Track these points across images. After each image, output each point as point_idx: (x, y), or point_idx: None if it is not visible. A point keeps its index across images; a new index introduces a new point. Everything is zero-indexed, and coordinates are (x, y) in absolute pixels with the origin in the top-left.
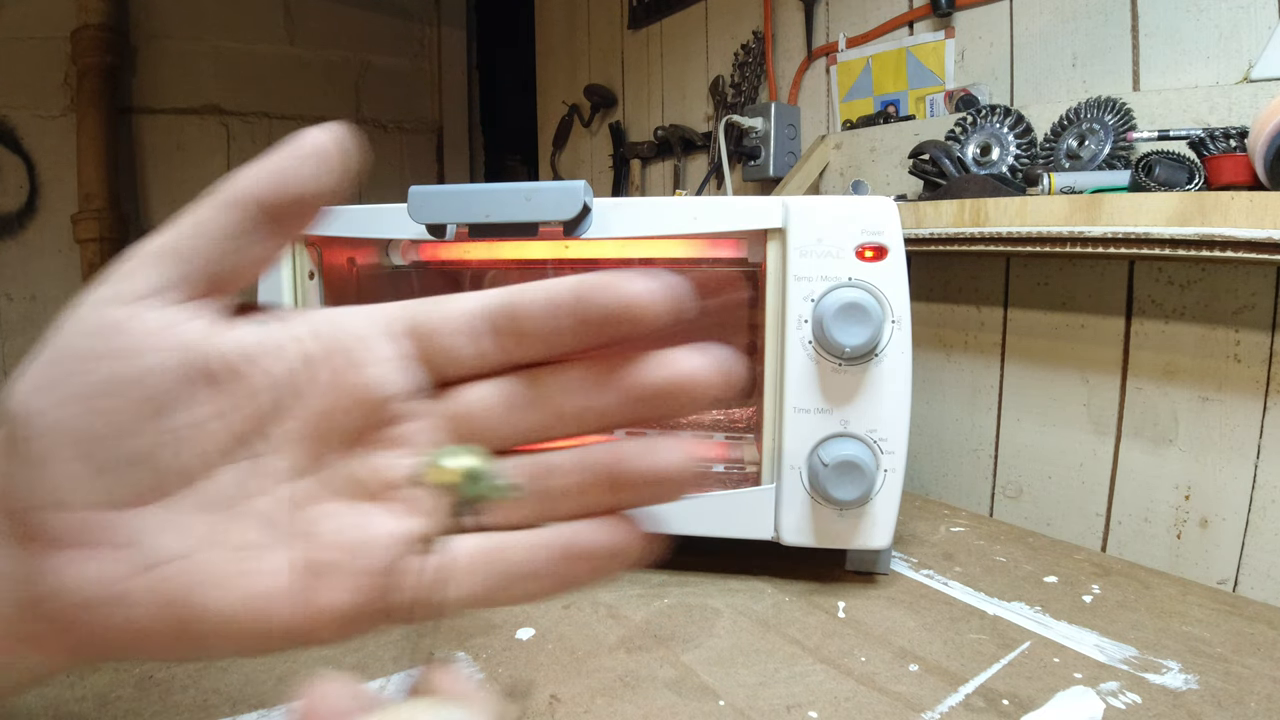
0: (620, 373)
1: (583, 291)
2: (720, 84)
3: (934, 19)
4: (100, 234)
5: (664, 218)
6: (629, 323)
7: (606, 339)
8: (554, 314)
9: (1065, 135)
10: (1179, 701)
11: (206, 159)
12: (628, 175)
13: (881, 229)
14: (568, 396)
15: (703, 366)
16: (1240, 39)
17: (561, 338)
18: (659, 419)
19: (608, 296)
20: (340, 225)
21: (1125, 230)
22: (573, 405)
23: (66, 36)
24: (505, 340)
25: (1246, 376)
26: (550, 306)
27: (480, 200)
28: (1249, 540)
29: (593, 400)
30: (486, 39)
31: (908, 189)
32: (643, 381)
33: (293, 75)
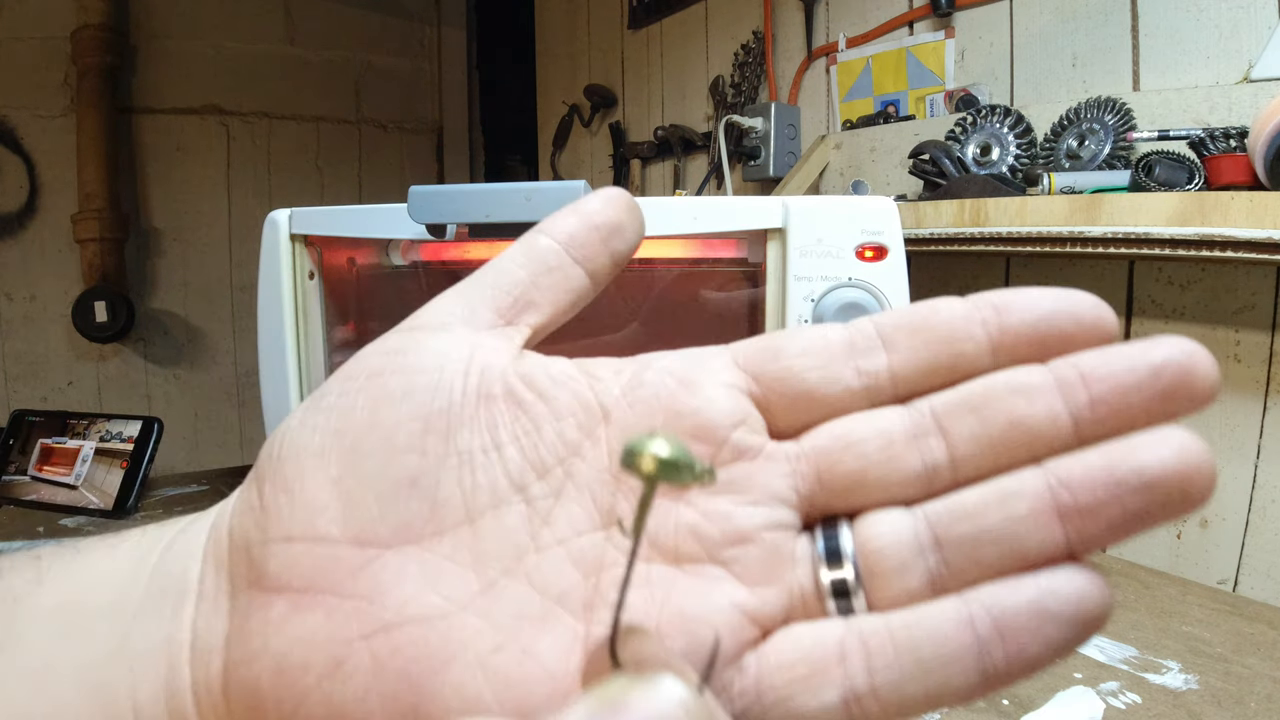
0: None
1: (999, 300)
2: (720, 84)
3: (934, 19)
4: (100, 234)
5: (664, 218)
6: (1060, 338)
7: (1032, 356)
8: (960, 318)
9: (1065, 135)
10: (1179, 701)
11: (206, 159)
12: (628, 175)
13: (881, 229)
14: (984, 414)
15: (1195, 355)
16: (1240, 39)
17: (969, 347)
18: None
19: (1035, 306)
20: (340, 225)
21: (1125, 230)
22: (989, 421)
23: (66, 36)
24: (882, 355)
25: (1246, 376)
26: (958, 312)
27: (480, 200)
28: (1249, 540)
29: (1023, 409)
30: (486, 39)
31: (908, 189)
32: (1109, 374)
33: (293, 75)
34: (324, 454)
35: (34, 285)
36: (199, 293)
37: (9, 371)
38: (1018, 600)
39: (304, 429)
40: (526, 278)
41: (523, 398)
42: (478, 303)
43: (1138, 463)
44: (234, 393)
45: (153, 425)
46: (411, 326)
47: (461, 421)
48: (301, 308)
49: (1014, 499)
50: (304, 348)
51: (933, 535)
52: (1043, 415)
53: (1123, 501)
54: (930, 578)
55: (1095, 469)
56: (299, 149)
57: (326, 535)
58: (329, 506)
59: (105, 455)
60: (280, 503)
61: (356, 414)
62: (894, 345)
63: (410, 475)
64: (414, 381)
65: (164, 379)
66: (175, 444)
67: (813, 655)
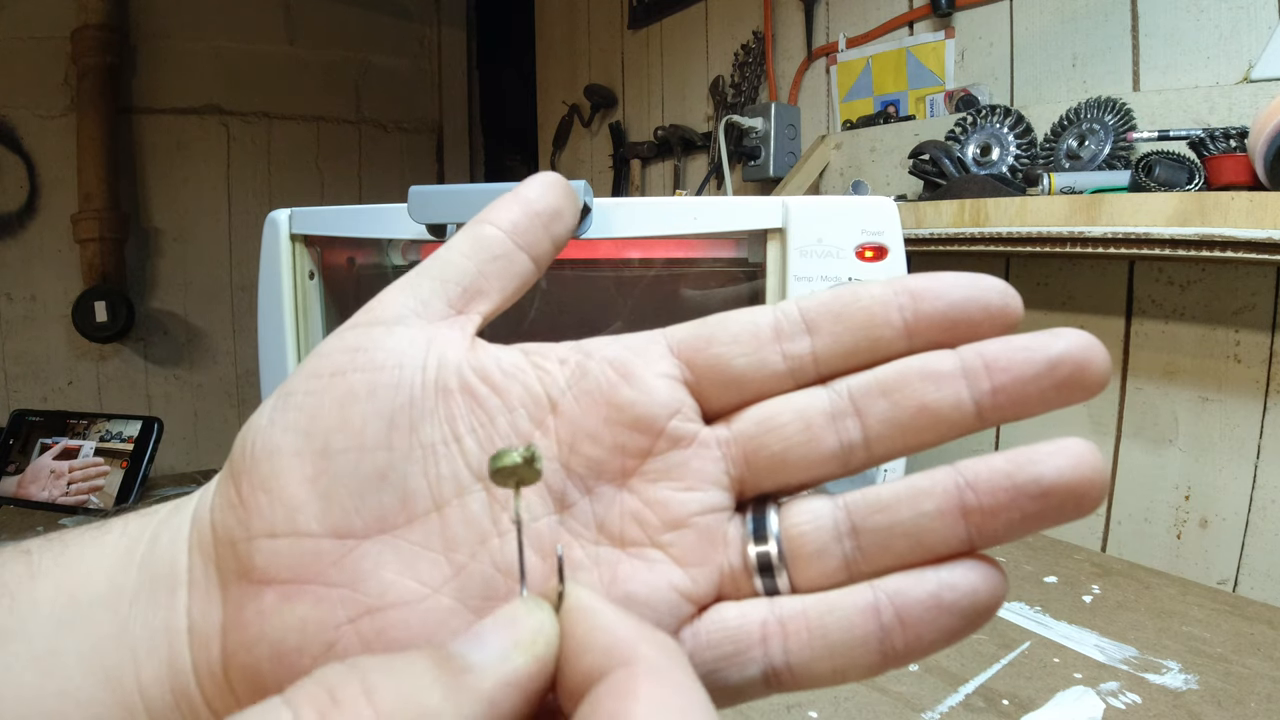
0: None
1: (914, 285)
2: (720, 84)
3: (934, 19)
4: (100, 234)
5: (664, 218)
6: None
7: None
8: (878, 303)
9: (1065, 135)
10: (1179, 701)
11: (206, 159)
12: (628, 175)
13: (881, 229)
14: (897, 398)
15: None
16: (1240, 39)
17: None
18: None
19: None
20: (340, 225)
21: (1125, 230)
22: (899, 404)
23: (67, 36)
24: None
25: (1246, 376)
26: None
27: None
28: (1249, 540)
29: (931, 394)
30: (486, 39)
31: (908, 189)
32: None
33: (293, 75)
34: (298, 454)
35: (34, 285)
36: (199, 293)
37: (9, 371)
38: (919, 592)
39: (275, 428)
40: (474, 268)
41: (477, 391)
42: (429, 295)
43: (1037, 471)
44: (234, 393)
45: (153, 425)
46: (368, 321)
47: (423, 416)
48: (301, 308)
49: (924, 496)
50: (304, 348)
51: (851, 524)
52: (949, 400)
53: (1021, 505)
54: (846, 562)
55: (999, 473)
56: (299, 149)
57: (308, 530)
58: (307, 504)
59: (105, 455)
60: (260, 501)
61: (324, 414)
62: (817, 329)
63: (380, 470)
64: (376, 379)
65: (164, 379)
66: (175, 444)
67: (738, 636)
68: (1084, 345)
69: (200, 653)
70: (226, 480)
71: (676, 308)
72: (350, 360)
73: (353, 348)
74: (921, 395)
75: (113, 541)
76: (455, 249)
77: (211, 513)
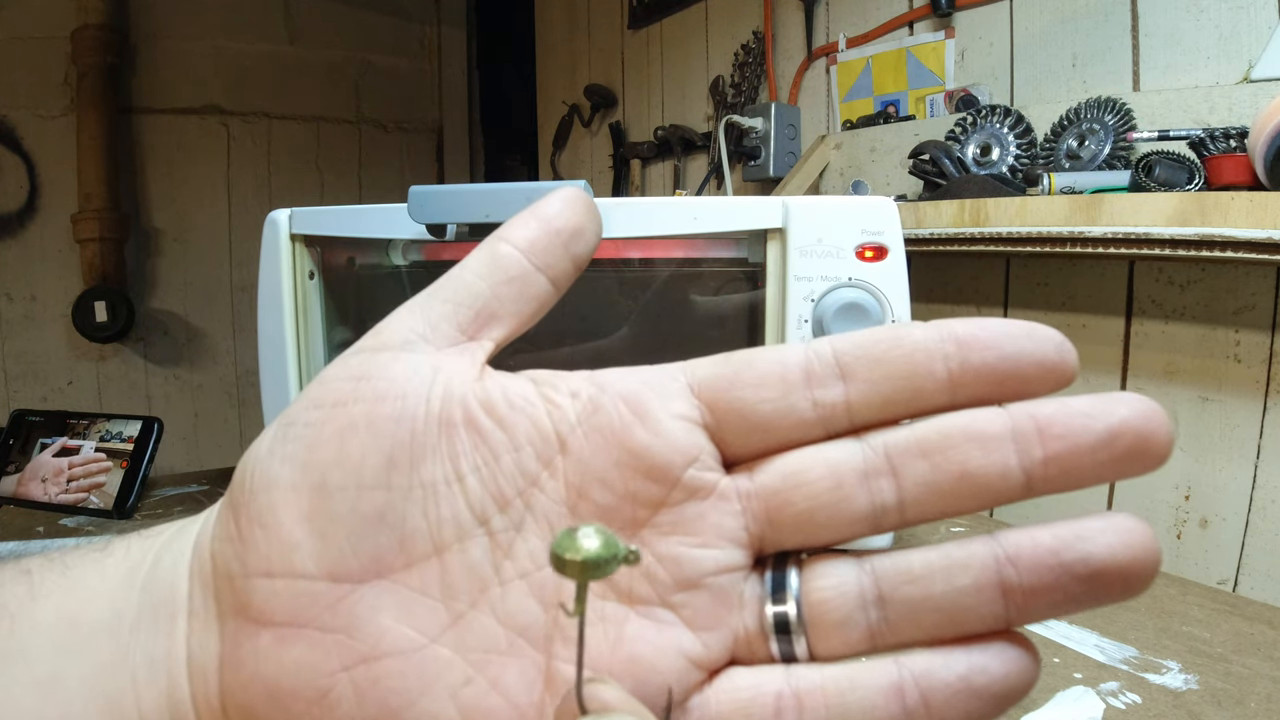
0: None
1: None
2: (720, 84)
3: (934, 19)
4: (100, 234)
5: (664, 218)
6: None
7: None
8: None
9: (1065, 135)
10: (1179, 701)
11: (206, 159)
12: (628, 175)
13: (881, 229)
14: (937, 460)
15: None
16: (1240, 39)
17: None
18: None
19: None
20: (340, 225)
21: (1125, 230)
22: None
23: (66, 36)
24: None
25: (1246, 376)
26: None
27: (480, 200)
28: (1249, 540)
29: (976, 459)
30: (486, 39)
31: (908, 189)
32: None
33: (293, 75)
34: (295, 488)
35: (34, 285)
36: (199, 293)
37: (9, 371)
38: (948, 676)
39: (273, 459)
40: (488, 290)
41: (482, 425)
42: (439, 319)
43: (1086, 550)
44: (234, 393)
45: (153, 425)
46: (375, 347)
47: (425, 452)
48: (301, 308)
49: (960, 570)
50: (304, 348)
51: (878, 592)
52: (996, 467)
53: (1066, 587)
54: (870, 632)
55: (1043, 550)
56: (299, 149)
57: (303, 572)
58: (303, 543)
59: (105, 455)
60: (256, 537)
61: (323, 446)
62: (852, 376)
63: (378, 510)
64: (377, 411)
65: (164, 379)
66: (175, 444)
67: (750, 709)
68: (1147, 414)
69: (198, 684)
70: (227, 511)
71: (677, 308)
72: (353, 390)
73: (356, 376)
74: (965, 459)
75: (114, 564)
76: (469, 269)
77: (211, 543)
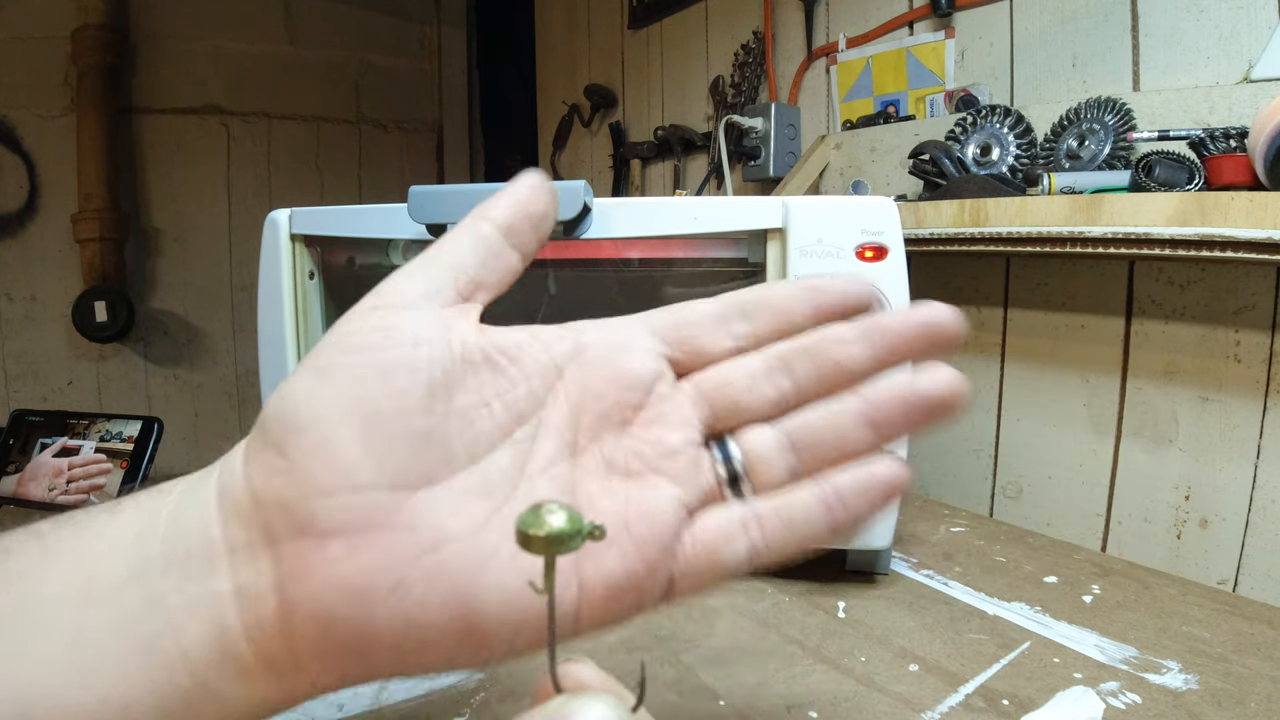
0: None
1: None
2: (720, 84)
3: (934, 19)
4: (100, 234)
5: (664, 218)
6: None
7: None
8: (792, 298)
9: (1065, 135)
10: (1179, 701)
11: (206, 159)
12: (628, 175)
13: (881, 229)
14: (813, 357)
15: (947, 313)
16: (1240, 39)
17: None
18: (905, 362)
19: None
20: (340, 225)
21: (1125, 230)
22: (818, 361)
23: (66, 36)
24: (746, 323)
25: (1246, 376)
26: (790, 293)
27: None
28: (1249, 540)
29: (840, 352)
30: (486, 39)
31: (908, 189)
32: (891, 328)
33: (293, 75)
34: (348, 418)
35: (34, 285)
36: (199, 293)
37: (9, 371)
38: (851, 480)
39: (318, 398)
40: (478, 262)
41: (498, 362)
42: (441, 284)
43: (920, 387)
44: (234, 393)
45: (153, 425)
46: (387, 305)
47: (456, 385)
48: (301, 308)
49: (840, 415)
50: (304, 348)
51: (789, 441)
52: (854, 356)
53: (909, 413)
54: (790, 469)
55: (894, 391)
56: (299, 149)
57: (367, 485)
58: (362, 462)
59: (105, 455)
60: (314, 464)
61: (370, 383)
62: (752, 316)
63: (424, 431)
64: (414, 354)
65: (164, 379)
66: (175, 444)
67: (726, 527)
68: (941, 312)
69: (249, 611)
70: (264, 450)
71: None
72: (384, 338)
73: (381, 328)
74: (834, 353)
75: (127, 521)
76: (460, 243)
77: (248, 481)
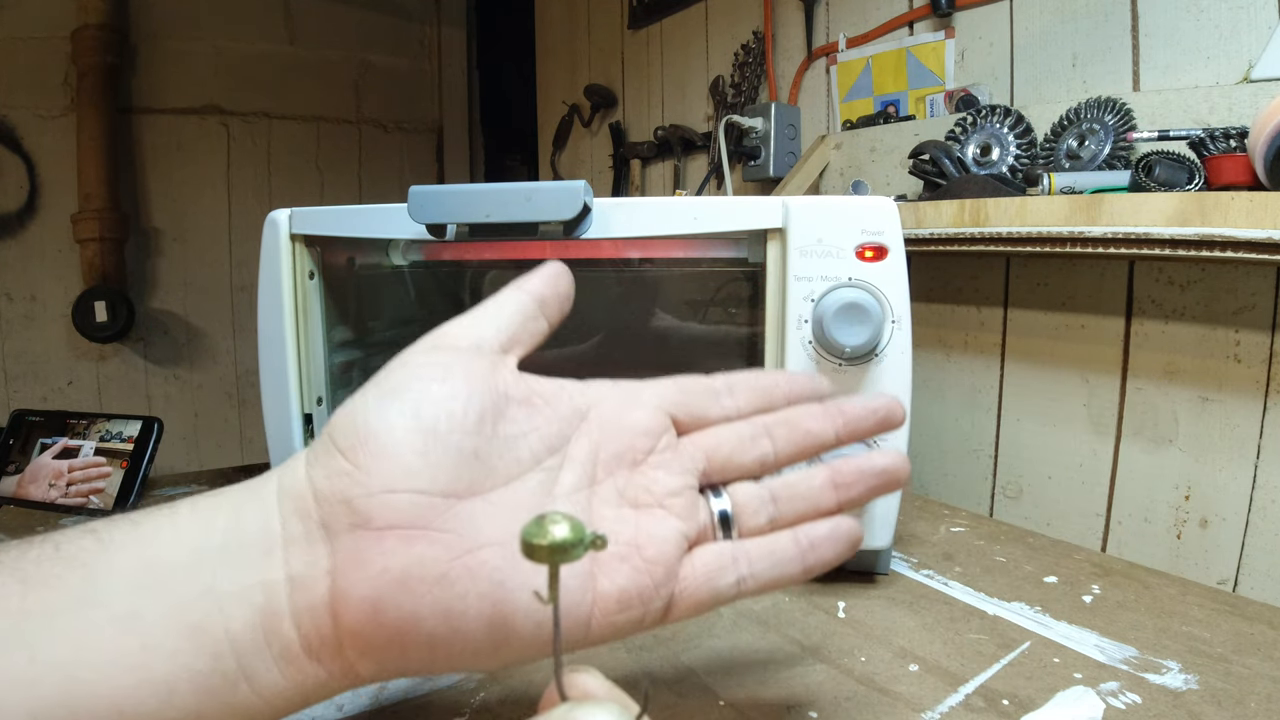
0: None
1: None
2: (720, 84)
3: (934, 19)
4: (100, 234)
5: (664, 218)
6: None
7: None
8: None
9: (1065, 135)
10: (1179, 701)
11: (206, 159)
12: (628, 175)
13: (881, 229)
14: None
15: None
16: (1240, 39)
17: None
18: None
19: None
20: (340, 225)
21: (1125, 230)
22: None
23: (66, 36)
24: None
25: (1246, 376)
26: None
27: (480, 200)
28: (1249, 540)
29: (810, 424)
30: (486, 39)
31: (908, 189)
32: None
33: (293, 75)
34: (410, 432)
35: (34, 285)
36: (199, 293)
37: (9, 371)
38: (820, 532)
39: (386, 413)
40: (519, 323)
41: (535, 403)
42: (490, 336)
43: (874, 463)
44: (234, 393)
45: (153, 425)
46: (443, 346)
47: (501, 415)
48: (301, 308)
49: (812, 477)
50: (304, 348)
51: (771, 495)
52: (822, 430)
53: (866, 481)
54: (771, 518)
55: (854, 465)
56: (299, 149)
57: (423, 489)
58: (421, 470)
59: (105, 455)
60: (380, 466)
61: (431, 403)
62: (736, 393)
63: (474, 450)
64: (469, 387)
65: (164, 379)
66: (175, 444)
67: (719, 560)
68: (889, 403)
69: (301, 598)
70: (330, 455)
71: (677, 308)
72: (445, 371)
73: (441, 363)
74: (807, 426)
75: (185, 517)
76: (504, 307)
77: (313, 483)
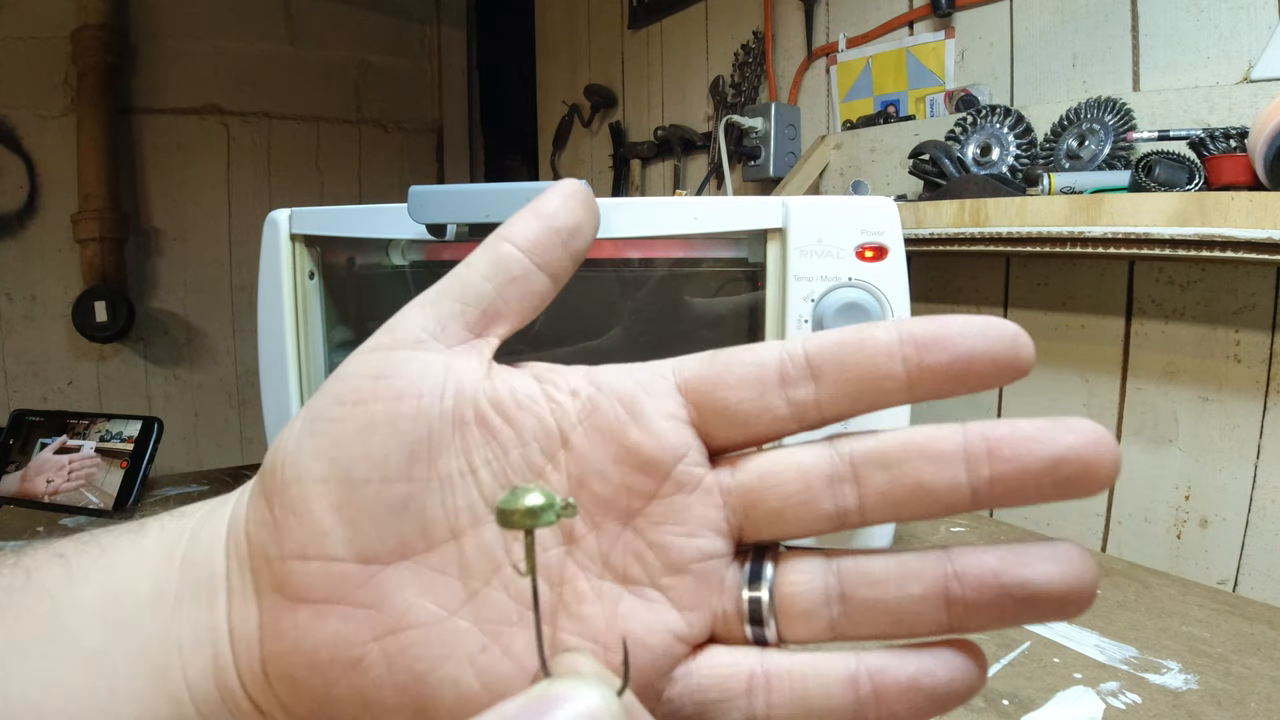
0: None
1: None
2: (720, 84)
3: (934, 19)
4: (100, 234)
5: (664, 218)
6: (975, 377)
7: (945, 393)
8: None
9: (1065, 135)
10: (1179, 701)
11: (206, 159)
12: (628, 175)
13: (881, 229)
14: (891, 469)
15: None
16: (1240, 39)
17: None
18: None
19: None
20: (340, 225)
21: (1125, 230)
22: (896, 478)
23: (66, 36)
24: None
25: (1246, 376)
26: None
27: (480, 200)
28: (1249, 540)
29: (929, 475)
30: (486, 39)
31: (908, 189)
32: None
33: (293, 75)
34: (324, 481)
35: (34, 285)
36: (199, 293)
37: (9, 371)
38: (899, 674)
39: (301, 452)
40: (493, 290)
41: (492, 423)
42: (448, 319)
43: (1026, 575)
44: (234, 393)
45: (153, 425)
46: (390, 345)
47: (441, 447)
48: (301, 308)
49: (913, 579)
50: (304, 348)
51: (840, 590)
52: (946, 483)
53: (1003, 605)
54: (831, 624)
55: (987, 571)
56: (299, 149)
57: (335, 555)
58: (333, 530)
59: (105, 455)
60: (291, 524)
61: (348, 442)
62: (822, 377)
63: (401, 500)
64: (397, 409)
65: (164, 379)
66: (175, 444)
67: (726, 685)
68: (1094, 442)
69: (241, 653)
70: (259, 497)
71: (677, 308)
72: (373, 389)
73: (375, 374)
74: (920, 474)
75: (152, 544)
76: (475, 269)
77: (247, 525)
